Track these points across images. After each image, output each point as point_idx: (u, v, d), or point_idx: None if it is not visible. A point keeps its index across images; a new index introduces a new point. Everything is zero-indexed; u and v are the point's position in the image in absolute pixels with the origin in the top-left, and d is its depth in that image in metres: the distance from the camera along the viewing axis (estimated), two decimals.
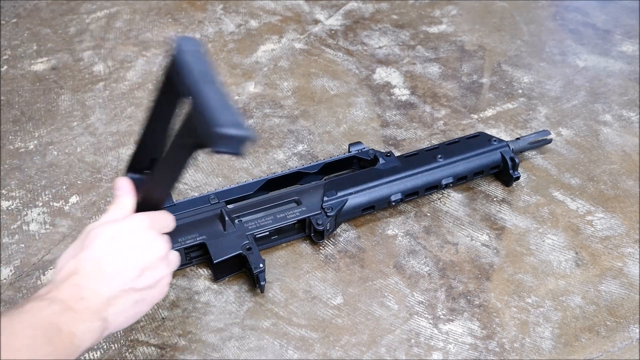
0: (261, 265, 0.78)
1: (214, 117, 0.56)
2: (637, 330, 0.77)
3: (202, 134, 0.57)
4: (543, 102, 1.12)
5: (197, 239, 0.80)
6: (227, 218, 0.81)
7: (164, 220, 0.69)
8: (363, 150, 0.92)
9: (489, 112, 1.09)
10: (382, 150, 0.96)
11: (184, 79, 0.61)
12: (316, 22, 1.31)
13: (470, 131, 1.04)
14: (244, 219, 0.83)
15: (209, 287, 0.81)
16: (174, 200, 0.84)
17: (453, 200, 0.93)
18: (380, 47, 1.24)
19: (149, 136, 0.71)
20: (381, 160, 0.90)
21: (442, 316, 0.79)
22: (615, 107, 1.11)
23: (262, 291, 0.79)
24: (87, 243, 0.63)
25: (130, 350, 0.74)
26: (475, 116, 1.08)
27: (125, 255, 0.63)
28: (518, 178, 0.93)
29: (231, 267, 0.81)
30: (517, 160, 0.93)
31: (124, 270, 0.62)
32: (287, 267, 0.84)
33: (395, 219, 0.90)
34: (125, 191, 0.68)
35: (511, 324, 0.78)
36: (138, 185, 0.69)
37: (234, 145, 0.57)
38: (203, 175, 0.96)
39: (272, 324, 0.77)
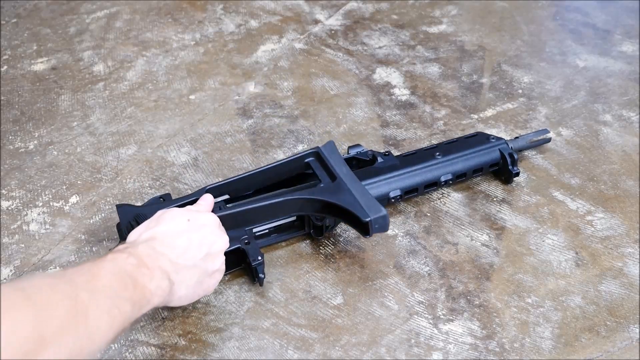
0: (259, 257, 0.78)
1: (364, 211, 0.77)
2: (637, 330, 0.77)
3: (359, 223, 0.77)
4: (543, 102, 1.12)
5: None
6: (220, 207, 0.81)
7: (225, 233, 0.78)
8: (362, 151, 0.92)
9: (489, 112, 1.09)
10: (381, 151, 0.96)
11: (329, 168, 0.83)
12: (316, 22, 1.31)
13: (471, 131, 1.04)
14: (236, 203, 0.83)
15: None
16: (172, 198, 0.84)
17: (453, 200, 0.93)
18: (380, 47, 1.24)
19: (248, 182, 0.85)
20: (379, 159, 0.90)
21: (442, 316, 0.79)
22: (615, 107, 1.11)
23: (260, 284, 0.79)
24: (163, 219, 0.72)
25: (130, 350, 0.74)
26: (475, 116, 1.08)
27: (197, 237, 0.71)
28: (518, 174, 0.93)
29: (230, 263, 0.81)
30: (516, 157, 0.93)
31: (194, 248, 0.70)
32: (287, 267, 0.84)
33: (395, 219, 0.90)
34: (207, 203, 0.80)
35: (511, 324, 0.78)
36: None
37: (382, 226, 0.77)
38: (203, 176, 0.96)
39: (272, 324, 0.77)
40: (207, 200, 0.80)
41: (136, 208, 0.82)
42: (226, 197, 0.83)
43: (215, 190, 0.82)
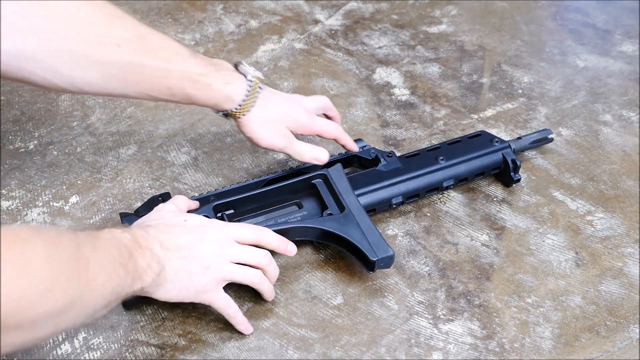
0: None
1: (371, 249, 0.78)
2: (637, 330, 0.77)
3: (365, 258, 0.79)
4: (543, 102, 1.12)
5: None
6: (226, 221, 0.80)
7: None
8: (364, 148, 0.92)
9: (489, 112, 1.09)
10: (383, 150, 0.96)
11: (337, 196, 0.83)
12: (316, 22, 1.31)
13: (470, 131, 1.04)
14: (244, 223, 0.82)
15: None
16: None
17: (453, 201, 0.93)
18: (380, 47, 1.24)
19: (253, 200, 0.84)
20: (382, 161, 0.90)
21: (442, 316, 0.79)
22: (615, 107, 1.11)
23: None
24: (160, 212, 0.76)
25: (130, 350, 0.74)
26: (475, 116, 1.08)
27: (193, 234, 0.72)
28: (519, 180, 0.93)
29: None
30: (518, 163, 0.92)
31: (187, 240, 0.71)
32: (287, 267, 0.84)
33: (395, 219, 0.90)
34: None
35: (511, 324, 0.78)
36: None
37: (386, 264, 0.79)
38: (203, 175, 0.96)
39: (272, 324, 0.77)
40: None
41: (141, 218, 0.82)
42: (231, 211, 0.83)
43: (221, 206, 0.82)
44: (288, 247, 0.78)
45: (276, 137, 0.84)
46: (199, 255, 0.71)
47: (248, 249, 0.75)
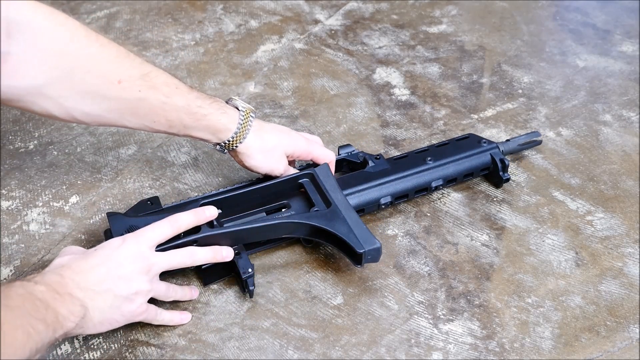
0: (250, 269, 0.77)
1: (358, 242, 0.77)
2: (637, 330, 0.77)
3: (353, 253, 0.77)
4: (543, 102, 1.12)
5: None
6: (215, 223, 0.79)
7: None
8: (352, 152, 0.92)
9: (489, 112, 1.09)
10: (378, 152, 0.96)
11: (324, 193, 0.82)
12: (316, 22, 1.31)
13: (470, 131, 1.04)
14: (232, 224, 0.82)
15: (208, 287, 0.81)
16: (162, 205, 0.83)
17: (453, 200, 0.93)
18: (380, 47, 1.24)
19: (241, 199, 0.83)
20: (370, 163, 0.90)
21: (442, 316, 0.79)
22: (615, 107, 1.11)
23: (250, 296, 0.79)
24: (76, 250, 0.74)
25: (130, 350, 0.74)
26: (475, 116, 1.08)
27: (111, 264, 0.70)
28: (508, 180, 0.93)
29: (220, 272, 0.80)
30: (507, 162, 0.92)
31: (105, 271, 0.69)
32: (287, 267, 0.84)
33: (395, 219, 0.90)
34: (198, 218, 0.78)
35: (511, 324, 0.78)
36: None
37: (374, 257, 0.77)
38: (203, 175, 0.96)
39: (272, 324, 0.77)
40: (199, 214, 0.78)
41: (129, 219, 0.80)
42: (219, 211, 0.82)
43: (208, 205, 0.81)
44: (223, 254, 0.77)
45: (276, 162, 0.85)
46: (122, 284, 0.70)
47: (170, 254, 0.74)
